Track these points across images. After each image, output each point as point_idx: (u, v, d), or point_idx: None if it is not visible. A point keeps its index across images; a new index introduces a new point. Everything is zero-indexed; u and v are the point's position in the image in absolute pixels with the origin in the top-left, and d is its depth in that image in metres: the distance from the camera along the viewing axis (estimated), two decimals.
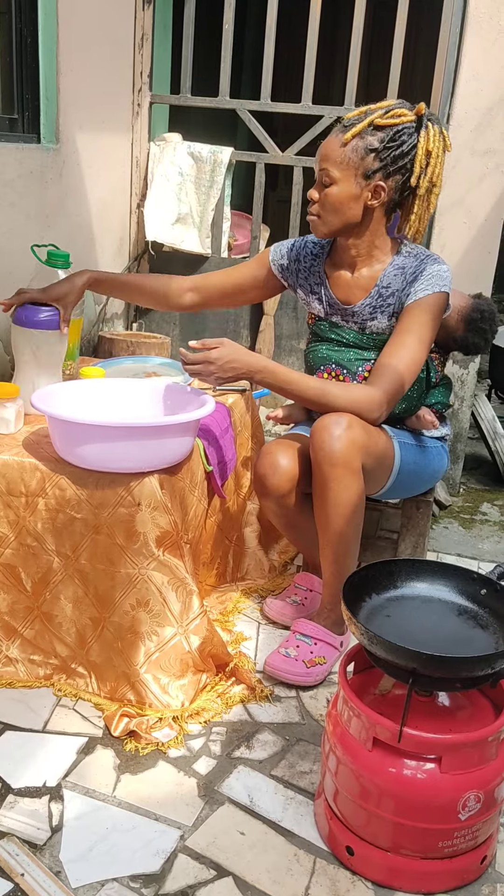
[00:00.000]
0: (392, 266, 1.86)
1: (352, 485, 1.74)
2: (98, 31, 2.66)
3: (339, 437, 1.72)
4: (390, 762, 1.29)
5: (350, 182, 1.76)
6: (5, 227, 2.22)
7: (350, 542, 1.80)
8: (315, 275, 1.97)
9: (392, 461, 1.90)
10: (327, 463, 1.73)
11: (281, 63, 2.97)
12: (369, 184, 1.76)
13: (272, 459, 1.90)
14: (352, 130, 1.72)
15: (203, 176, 3.05)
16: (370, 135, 1.73)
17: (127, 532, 1.67)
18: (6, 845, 1.35)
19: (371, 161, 1.74)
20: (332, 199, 1.78)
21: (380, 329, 1.88)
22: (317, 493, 1.79)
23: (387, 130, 1.73)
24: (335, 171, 1.76)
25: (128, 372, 2.30)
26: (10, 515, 1.72)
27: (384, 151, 1.73)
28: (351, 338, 1.92)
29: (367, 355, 1.90)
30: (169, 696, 1.66)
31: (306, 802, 1.50)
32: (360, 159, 1.74)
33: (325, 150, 1.78)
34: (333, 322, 1.95)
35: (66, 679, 1.75)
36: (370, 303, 1.87)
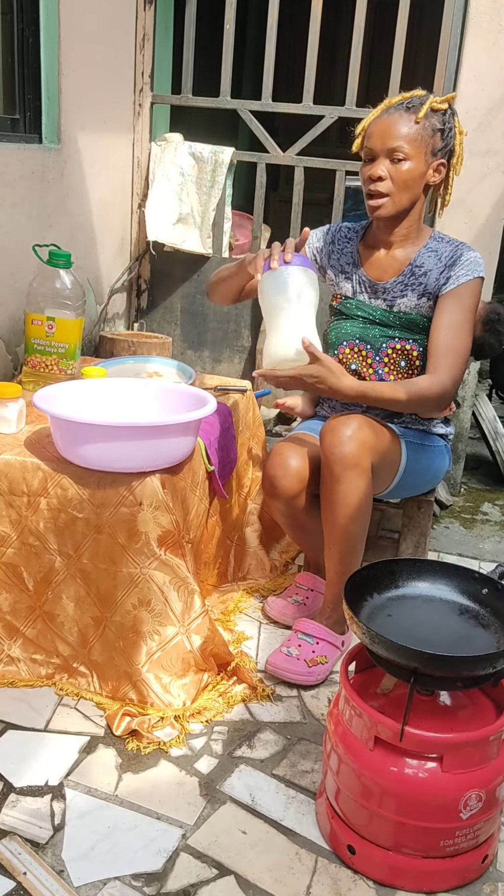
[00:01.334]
0: (426, 248, 1.91)
1: (361, 485, 1.75)
2: (99, 31, 2.66)
3: (350, 437, 1.73)
4: (392, 761, 1.29)
5: (421, 159, 1.80)
6: (7, 227, 2.22)
7: (356, 542, 1.81)
8: (347, 255, 2.00)
9: (398, 460, 1.90)
10: (338, 464, 1.73)
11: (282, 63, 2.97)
12: (433, 162, 1.82)
13: (283, 461, 1.90)
14: (423, 110, 1.77)
15: (204, 176, 3.05)
16: (434, 116, 1.80)
17: (129, 531, 1.67)
18: (8, 844, 1.35)
19: (437, 140, 1.80)
20: (406, 175, 1.80)
21: (408, 307, 1.91)
22: (325, 492, 1.79)
23: (439, 113, 1.81)
24: (409, 148, 1.78)
25: (129, 372, 2.30)
26: (13, 515, 1.72)
27: (445, 132, 1.81)
28: (378, 315, 1.94)
29: (391, 333, 1.92)
30: (170, 696, 1.66)
31: (308, 801, 1.50)
32: (430, 137, 1.79)
33: (395, 128, 1.78)
34: (361, 300, 1.97)
35: (67, 678, 1.75)
36: (402, 280, 1.90)
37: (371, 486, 1.78)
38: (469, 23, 2.63)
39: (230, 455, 2.11)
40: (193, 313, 3.20)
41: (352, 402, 1.84)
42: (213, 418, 2.02)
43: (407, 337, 1.91)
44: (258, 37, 3.27)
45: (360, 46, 2.80)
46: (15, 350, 2.33)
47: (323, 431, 1.79)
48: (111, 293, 3.04)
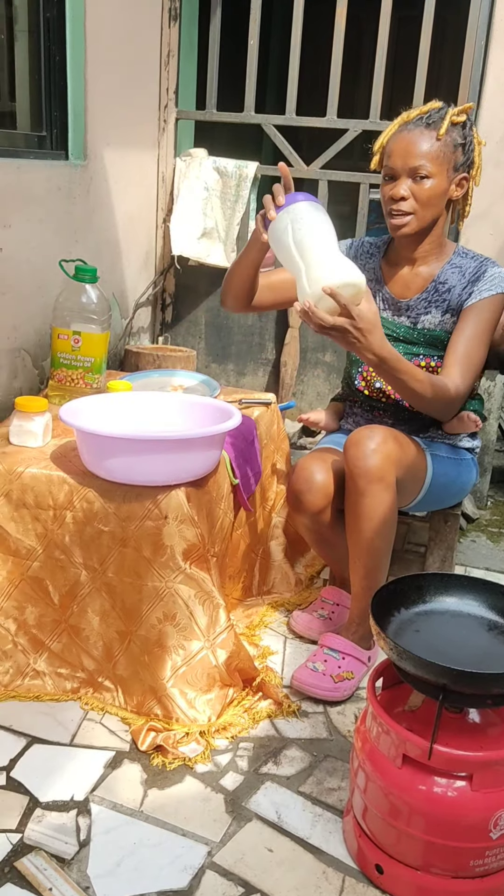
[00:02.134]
0: (450, 265, 1.90)
1: (386, 499, 1.73)
2: (125, 48, 2.69)
3: (375, 451, 1.72)
4: (420, 780, 1.28)
5: (444, 176, 1.79)
6: (34, 242, 2.24)
7: (381, 556, 1.79)
8: (370, 271, 2.00)
9: (424, 473, 1.89)
10: (363, 478, 1.72)
11: (305, 76, 2.98)
12: (456, 177, 1.81)
13: (308, 476, 1.89)
14: (444, 126, 1.75)
15: (228, 190, 3.06)
16: (454, 131, 1.78)
17: (154, 545, 1.67)
18: (34, 859, 1.34)
19: (459, 155, 1.79)
20: (430, 192, 1.79)
21: (432, 324, 1.90)
22: (350, 506, 1.78)
23: (459, 127, 1.79)
24: (431, 166, 1.77)
25: (154, 385, 2.31)
26: (38, 528, 1.72)
27: (466, 145, 1.80)
28: (402, 333, 1.93)
29: (415, 350, 1.91)
30: (196, 711, 1.65)
31: (335, 819, 1.48)
32: (451, 153, 1.78)
33: (416, 147, 1.76)
34: (384, 318, 1.96)
35: (92, 693, 1.75)
36: (426, 297, 1.90)
37: (396, 499, 1.77)
38: (493, 34, 2.62)
39: (255, 468, 2.10)
40: (218, 327, 3.20)
41: (377, 360, 1.66)
42: (238, 431, 2.02)
43: (431, 354, 1.90)
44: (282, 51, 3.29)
45: (383, 59, 2.80)
46: (41, 364, 2.35)
47: (347, 444, 1.78)
48: (136, 307, 3.06)
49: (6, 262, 2.12)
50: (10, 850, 1.36)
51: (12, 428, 1.84)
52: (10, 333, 2.19)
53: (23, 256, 2.19)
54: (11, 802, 1.46)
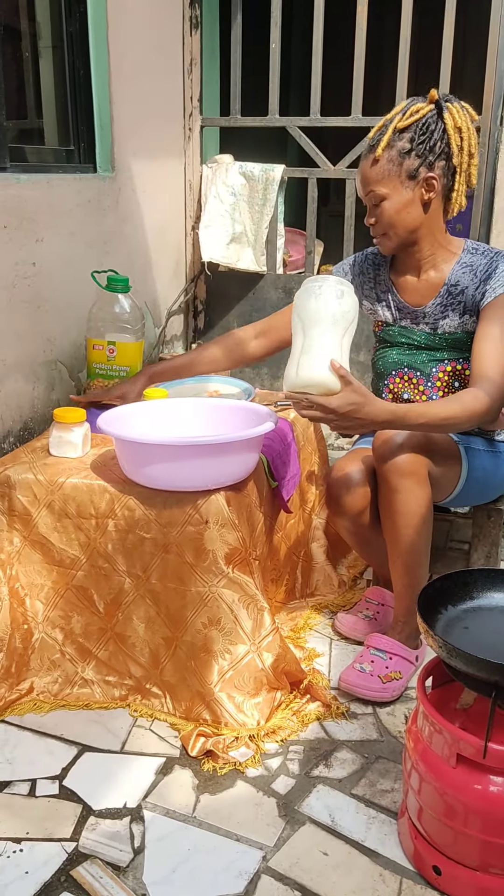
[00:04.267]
0: (459, 264, 1.85)
1: (420, 493, 1.72)
2: (148, 59, 2.71)
3: (402, 445, 1.70)
4: (475, 779, 1.25)
5: (399, 190, 1.76)
6: (66, 255, 2.26)
7: (420, 553, 1.77)
8: (381, 283, 1.97)
9: (459, 467, 1.86)
10: (394, 474, 1.71)
11: (328, 77, 2.98)
12: (418, 181, 1.75)
13: (345, 477, 1.88)
14: (380, 145, 1.73)
15: (255, 194, 3.07)
16: (398, 140, 1.73)
17: (196, 550, 1.67)
18: (90, 868, 1.35)
19: (410, 161, 1.74)
20: (389, 212, 1.78)
21: (451, 328, 1.87)
22: (384, 504, 1.77)
23: (411, 128, 1.73)
24: (381, 189, 1.76)
25: (190, 391, 2.32)
26: (82, 538, 1.74)
27: (418, 147, 1.73)
28: (423, 340, 1.90)
29: (439, 356, 1.89)
30: (244, 715, 1.65)
31: (389, 821, 1.47)
32: (398, 166, 1.74)
33: (363, 176, 1.79)
34: (403, 326, 1.93)
35: (141, 699, 1.75)
36: (440, 302, 1.86)
37: (430, 493, 1.75)
38: None
39: (293, 470, 2.10)
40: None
41: (386, 424, 1.64)
42: (275, 434, 2.02)
43: (456, 357, 1.88)
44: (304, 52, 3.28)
45: (406, 54, 2.79)
46: (77, 375, 2.37)
47: (375, 442, 1.76)
48: (168, 315, 3.07)
49: (39, 276, 2.14)
50: (66, 858, 1.37)
51: (52, 439, 1.86)
52: (46, 346, 2.21)
53: (55, 270, 2.22)
54: (65, 811, 1.47)
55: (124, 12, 2.50)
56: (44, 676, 1.77)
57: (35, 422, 2.17)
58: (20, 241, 2.04)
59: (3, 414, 2.03)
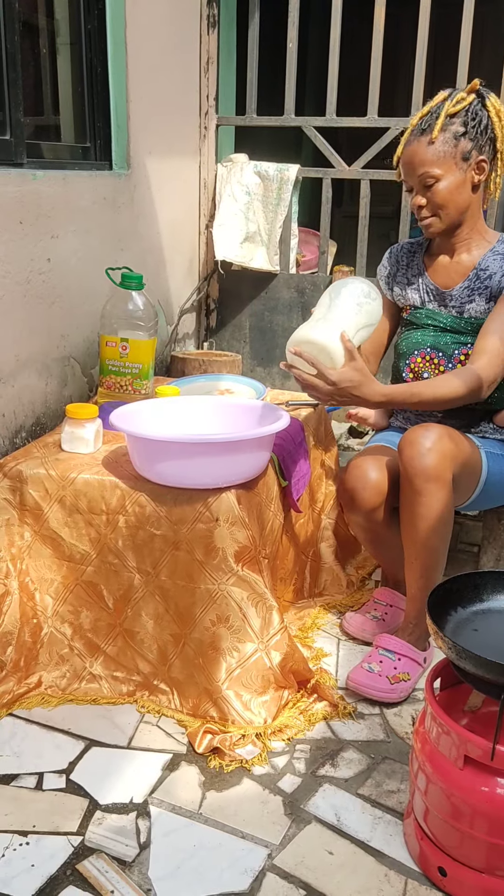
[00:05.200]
0: (492, 251, 1.90)
1: (442, 498, 1.71)
2: (165, 57, 2.71)
3: (430, 449, 1.70)
4: (483, 781, 1.25)
5: (453, 171, 1.81)
6: (81, 252, 2.27)
7: (439, 556, 1.77)
8: (414, 267, 2.02)
9: (479, 471, 1.86)
10: (419, 477, 1.70)
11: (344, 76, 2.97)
12: (470, 163, 1.81)
13: (362, 473, 1.88)
14: (436, 127, 1.78)
15: (270, 194, 3.07)
16: (450, 124, 1.79)
17: (206, 548, 1.67)
18: (95, 862, 1.35)
19: (464, 144, 1.79)
20: (444, 193, 1.82)
21: (477, 312, 1.89)
22: (405, 506, 1.77)
23: (461, 114, 1.79)
24: (436, 169, 1.80)
25: (201, 390, 2.32)
26: (92, 533, 1.74)
27: (471, 131, 1.79)
28: (449, 323, 1.92)
29: (463, 339, 1.90)
30: (251, 713, 1.65)
31: (395, 822, 1.47)
32: (454, 147, 1.79)
33: (417, 158, 1.81)
34: (430, 309, 1.96)
35: (148, 695, 1.75)
36: (468, 285, 1.90)
37: (452, 498, 1.75)
38: None
39: (303, 470, 2.10)
40: (262, 330, 3.21)
41: (379, 405, 1.77)
42: (286, 433, 2.02)
43: None
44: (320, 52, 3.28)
45: (423, 55, 2.78)
46: (90, 372, 2.38)
47: (402, 444, 1.76)
48: (181, 313, 3.08)
49: (54, 272, 2.15)
50: (72, 852, 1.37)
51: (64, 435, 1.87)
52: (60, 342, 2.22)
53: (70, 266, 2.22)
54: (72, 805, 1.48)
55: (142, 10, 2.51)
56: (52, 671, 1.77)
57: (47, 417, 2.17)
58: (35, 237, 2.05)
59: (16, 409, 2.04)
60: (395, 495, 1.85)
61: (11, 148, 2.01)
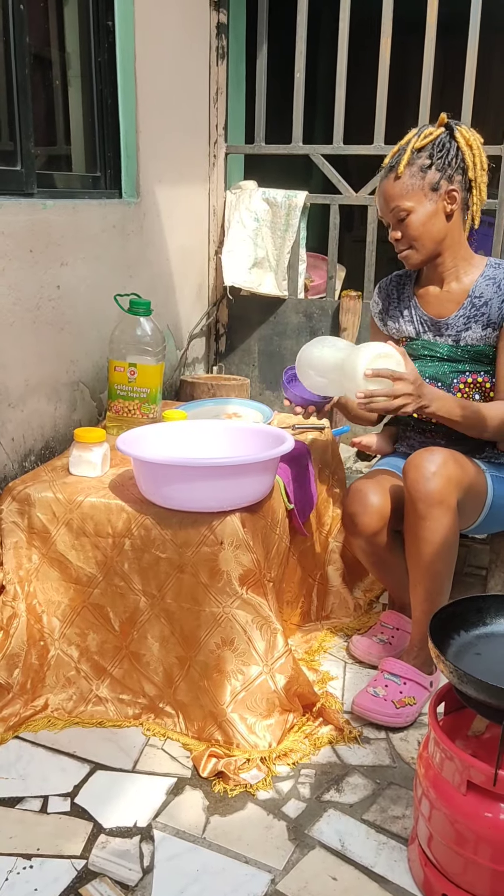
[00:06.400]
0: (483, 277, 1.91)
1: (448, 522, 1.72)
2: (174, 88, 2.77)
3: (435, 474, 1.71)
4: (486, 807, 1.25)
5: (423, 203, 1.83)
6: (91, 279, 2.31)
7: (443, 580, 1.77)
8: (405, 299, 2.03)
9: (485, 495, 1.86)
10: (423, 501, 1.71)
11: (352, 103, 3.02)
12: (440, 193, 1.83)
13: (362, 497, 1.89)
14: (402, 162, 1.82)
15: (278, 220, 3.11)
16: (417, 158, 1.82)
17: (210, 571, 1.68)
18: (99, 886, 1.35)
19: (432, 175, 1.82)
20: (417, 225, 1.84)
21: (474, 340, 1.90)
22: (410, 530, 1.77)
23: (428, 147, 1.83)
24: (406, 203, 1.83)
25: (209, 413, 2.34)
26: (98, 556, 1.76)
27: (437, 161, 1.82)
28: (445, 352, 1.93)
29: (461, 367, 1.91)
30: (256, 737, 1.65)
31: (399, 848, 1.46)
32: (421, 180, 1.82)
33: (386, 194, 1.86)
34: (426, 340, 1.97)
35: (154, 718, 1.76)
36: (464, 314, 1.90)
37: (458, 522, 1.75)
38: None
39: (309, 493, 2.11)
40: (270, 354, 3.23)
41: (438, 407, 1.77)
42: (292, 457, 2.03)
43: (478, 370, 1.89)
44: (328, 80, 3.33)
45: (429, 84, 2.82)
46: (99, 396, 2.41)
47: (406, 467, 1.77)
48: (190, 338, 3.11)
49: (64, 298, 2.18)
50: (75, 876, 1.37)
51: (72, 458, 1.89)
52: (69, 367, 2.25)
53: (79, 293, 2.26)
54: (76, 828, 1.48)
55: (152, 43, 2.56)
56: (59, 693, 1.78)
57: (56, 441, 2.20)
58: (45, 265, 2.09)
59: (26, 433, 2.07)
60: (398, 519, 1.86)
61: (22, 178, 2.05)
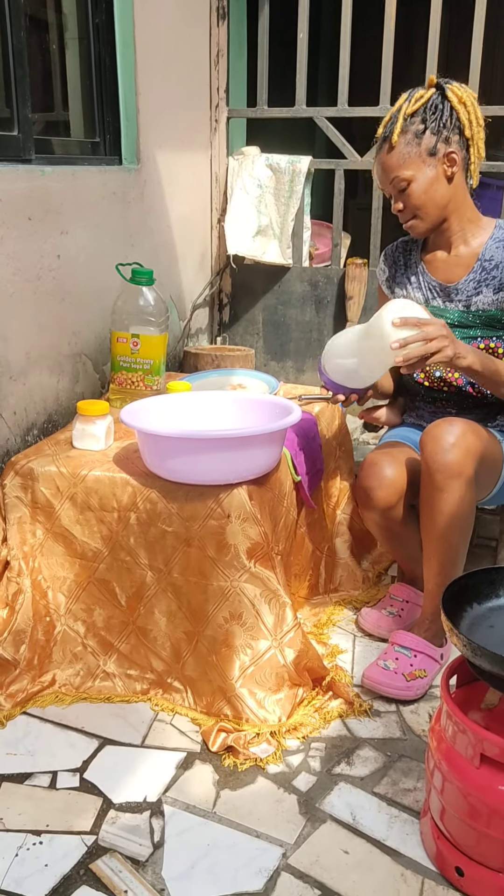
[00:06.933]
0: (493, 240, 1.86)
1: (465, 494, 1.69)
2: (174, 50, 2.69)
3: (454, 445, 1.67)
4: (500, 780, 1.23)
5: (422, 169, 1.78)
6: (91, 248, 2.26)
7: (458, 553, 1.75)
8: (412, 266, 1.98)
9: (500, 466, 1.83)
10: (441, 472, 1.67)
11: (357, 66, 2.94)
12: (438, 157, 1.78)
13: (378, 471, 1.85)
14: (395, 131, 1.77)
15: (282, 187, 3.04)
16: (410, 124, 1.77)
17: (218, 544, 1.66)
18: (109, 861, 1.35)
19: (427, 139, 1.77)
20: (419, 193, 1.79)
21: (485, 304, 1.85)
22: (425, 502, 1.74)
23: (420, 111, 1.77)
24: (405, 172, 1.79)
25: (213, 385, 2.31)
26: (104, 531, 1.73)
27: (432, 124, 1.77)
28: (455, 318, 1.88)
29: (472, 333, 1.87)
30: (265, 711, 1.64)
31: (411, 821, 1.45)
32: (417, 146, 1.77)
33: (384, 166, 1.82)
34: (435, 307, 1.92)
35: (162, 694, 1.74)
36: (474, 277, 1.85)
37: (474, 495, 1.72)
38: None
39: (317, 465, 2.08)
40: (275, 324, 3.19)
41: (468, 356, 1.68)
42: (299, 428, 2.00)
43: (490, 335, 1.85)
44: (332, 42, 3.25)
45: (436, 43, 2.74)
46: (102, 368, 2.37)
47: (424, 439, 1.73)
48: (194, 308, 3.06)
49: (64, 268, 2.14)
50: (85, 852, 1.37)
51: (75, 432, 1.86)
52: (71, 339, 2.21)
53: (80, 262, 2.21)
54: (85, 804, 1.47)
55: (151, 3, 2.49)
56: (66, 669, 1.77)
57: (59, 414, 2.17)
58: (45, 234, 2.04)
59: (28, 406, 2.03)
60: (412, 492, 1.83)
61: (20, 144, 2.00)
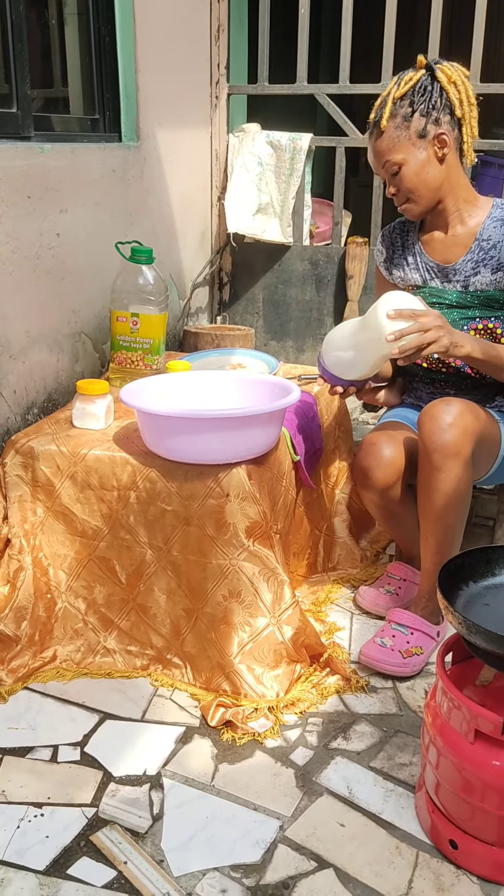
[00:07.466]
0: (490, 219, 1.85)
1: (461, 474, 1.70)
2: (174, 25, 2.67)
3: (451, 425, 1.68)
4: (494, 755, 1.25)
5: (413, 152, 1.78)
6: (91, 226, 2.25)
7: (455, 533, 1.76)
8: (409, 247, 1.97)
9: (498, 446, 1.84)
10: (438, 452, 1.68)
11: (359, 42, 2.91)
12: (428, 139, 1.77)
13: (376, 451, 1.86)
14: (384, 115, 1.77)
15: (283, 164, 3.03)
16: (399, 108, 1.77)
17: (217, 523, 1.67)
18: (109, 833, 1.37)
19: (416, 122, 1.76)
20: (410, 176, 1.79)
21: (483, 285, 1.85)
22: (423, 481, 1.75)
23: (409, 94, 1.77)
24: (396, 156, 1.78)
25: (213, 364, 2.31)
26: (104, 509, 1.75)
27: (420, 106, 1.76)
28: (454, 298, 1.88)
29: (470, 314, 1.87)
30: (263, 687, 1.66)
31: (406, 795, 1.47)
32: (406, 129, 1.77)
33: (375, 151, 1.82)
34: (434, 287, 1.92)
35: (162, 669, 1.77)
36: (471, 258, 1.85)
37: (471, 475, 1.73)
38: None
39: (316, 444, 2.09)
40: (276, 303, 3.18)
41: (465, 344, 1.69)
42: (298, 408, 2.01)
43: (488, 315, 1.85)
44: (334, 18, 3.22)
45: (439, 19, 2.72)
46: (101, 347, 2.37)
47: (422, 418, 1.74)
48: (194, 287, 3.05)
49: (63, 246, 2.13)
50: (86, 824, 1.39)
51: (75, 411, 1.87)
52: (70, 318, 2.21)
53: (80, 240, 2.21)
54: (86, 777, 1.49)
55: None
56: (67, 645, 1.79)
57: (59, 393, 2.17)
58: (44, 212, 2.03)
59: (28, 385, 2.04)
60: (410, 472, 1.84)
61: (18, 121, 1.99)
